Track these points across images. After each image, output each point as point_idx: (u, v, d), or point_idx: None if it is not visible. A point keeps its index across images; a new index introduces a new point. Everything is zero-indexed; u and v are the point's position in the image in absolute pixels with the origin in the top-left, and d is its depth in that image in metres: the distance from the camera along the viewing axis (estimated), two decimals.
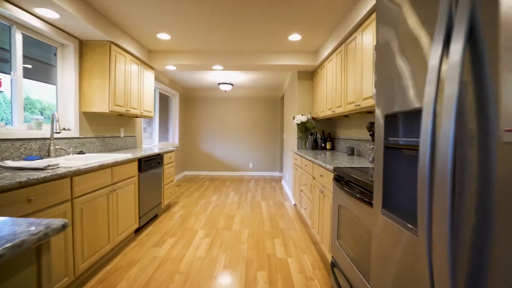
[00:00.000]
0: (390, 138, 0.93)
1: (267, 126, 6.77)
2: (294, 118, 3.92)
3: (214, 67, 3.89)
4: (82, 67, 2.72)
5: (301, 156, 3.17)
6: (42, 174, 1.46)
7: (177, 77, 5.33)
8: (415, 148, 0.81)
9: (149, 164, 2.97)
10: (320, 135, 4.04)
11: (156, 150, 3.37)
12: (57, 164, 1.73)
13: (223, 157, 6.80)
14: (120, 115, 3.25)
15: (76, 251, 1.75)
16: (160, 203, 3.36)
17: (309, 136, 3.94)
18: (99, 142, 3.00)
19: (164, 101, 5.68)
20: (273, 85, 5.92)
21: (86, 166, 1.83)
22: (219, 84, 5.32)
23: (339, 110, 2.80)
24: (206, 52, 3.68)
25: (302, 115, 3.89)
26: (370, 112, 2.52)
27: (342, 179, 1.71)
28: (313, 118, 3.86)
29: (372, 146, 2.21)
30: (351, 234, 1.54)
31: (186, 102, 6.77)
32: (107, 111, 2.71)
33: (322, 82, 3.49)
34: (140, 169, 2.75)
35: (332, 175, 1.96)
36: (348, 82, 2.55)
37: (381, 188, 0.96)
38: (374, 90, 1.83)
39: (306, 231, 2.95)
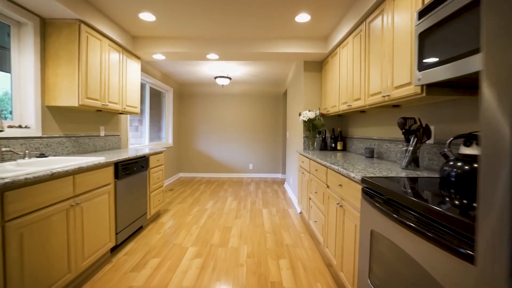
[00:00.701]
0: None
1: (268, 124, 6.28)
2: (300, 114, 3.44)
3: (208, 56, 3.40)
4: (46, 52, 2.23)
5: (310, 159, 2.69)
6: None
7: (170, 70, 4.84)
8: None
9: (130, 168, 2.50)
10: (329, 134, 3.56)
11: (145, 151, 2.92)
12: None
13: (221, 157, 6.31)
14: (99, 110, 2.77)
15: None
16: (146, 213, 2.89)
17: (317, 135, 3.46)
18: (70, 143, 2.52)
19: (156, 97, 5.19)
20: (275, 79, 5.43)
21: (28, 176, 1.35)
22: (215, 77, 4.83)
23: (357, 104, 2.32)
24: (198, 39, 3.19)
25: (309, 111, 3.41)
26: (396, 106, 2.05)
27: (378, 195, 1.24)
28: (322, 115, 3.38)
29: (405, 148, 1.74)
30: (395, 277, 1.07)
31: (180, 99, 6.28)
32: (77, 105, 2.23)
33: (334, 72, 3.00)
34: (117, 175, 2.27)
35: (357, 186, 1.49)
36: (370, 69, 2.07)
37: None
38: (417, 74, 1.35)
39: (316, 248, 2.48)
